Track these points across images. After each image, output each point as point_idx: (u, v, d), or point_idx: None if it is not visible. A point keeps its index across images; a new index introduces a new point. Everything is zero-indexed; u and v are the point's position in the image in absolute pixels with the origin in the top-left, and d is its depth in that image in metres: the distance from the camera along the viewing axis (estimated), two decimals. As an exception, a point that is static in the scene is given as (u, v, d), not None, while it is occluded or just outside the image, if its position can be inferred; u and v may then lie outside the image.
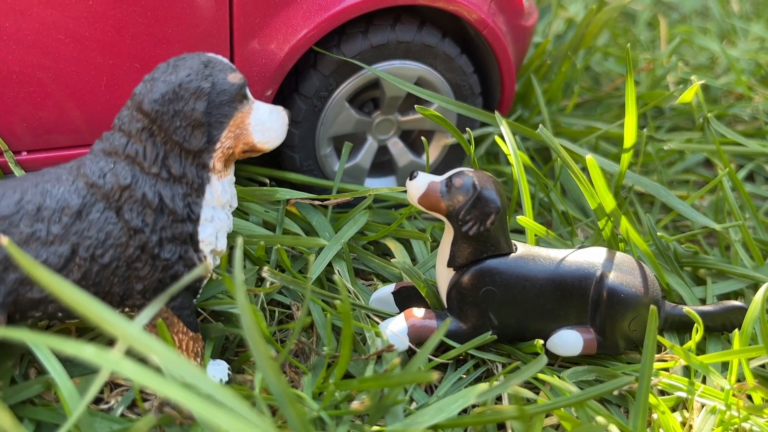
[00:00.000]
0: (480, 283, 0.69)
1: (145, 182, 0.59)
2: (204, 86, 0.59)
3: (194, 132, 0.59)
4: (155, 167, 0.59)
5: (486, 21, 0.86)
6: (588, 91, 1.29)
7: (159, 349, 0.43)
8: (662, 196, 0.88)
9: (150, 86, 0.59)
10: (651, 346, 0.61)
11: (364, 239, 0.84)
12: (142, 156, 0.59)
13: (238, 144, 0.62)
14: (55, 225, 0.57)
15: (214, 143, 0.60)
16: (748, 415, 0.65)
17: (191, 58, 0.61)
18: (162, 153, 0.59)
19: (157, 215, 0.59)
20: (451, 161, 0.96)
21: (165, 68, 0.60)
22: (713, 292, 0.83)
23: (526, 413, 0.58)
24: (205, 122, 0.59)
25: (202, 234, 0.61)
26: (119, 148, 0.59)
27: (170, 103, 0.58)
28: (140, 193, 0.59)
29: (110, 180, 0.59)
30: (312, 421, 0.60)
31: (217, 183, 0.62)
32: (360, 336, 0.71)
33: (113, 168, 0.59)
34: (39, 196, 0.58)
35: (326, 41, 0.84)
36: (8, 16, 0.70)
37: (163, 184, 0.59)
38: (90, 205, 0.58)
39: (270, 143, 0.63)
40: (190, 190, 0.60)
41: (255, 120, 0.62)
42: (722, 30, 1.65)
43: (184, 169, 0.60)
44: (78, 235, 0.58)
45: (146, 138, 0.59)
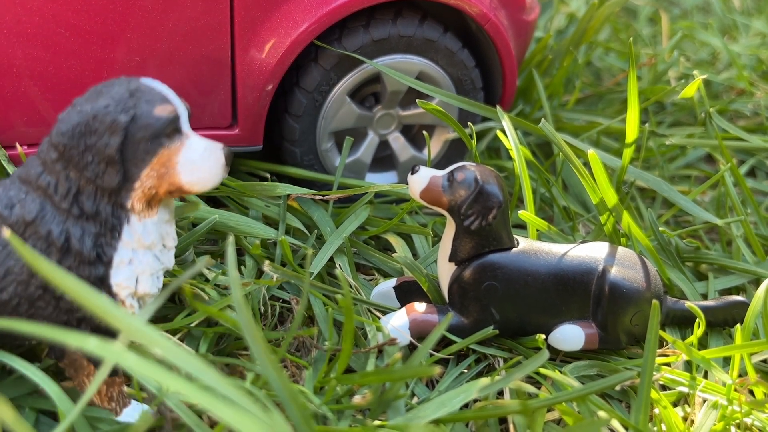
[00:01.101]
0: (481, 278, 0.68)
1: (53, 218, 0.54)
2: (121, 120, 0.53)
3: (108, 169, 0.53)
4: (65, 203, 0.54)
5: (488, 15, 0.86)
6: (589, 86, 1.29)
7: (162, 342, 0.43)
8: (664, 191, 0.88)
9: (66, 116, 0.54)
10: (653, 341, 0.61)
11: (366, 234, 0.84)
12: (53, 189, 0.54)
13: (162, 184, 0.55)
14: None
15: (133, 182, 0.54)
16: (750, 410, 0.65)
17: (119, 84, 0.55)
18: (75, 188, 0.54)
19: (63, 255, 0.54)
20: (453, 156, 0.96)
21: (89, 93, 0.55)
22: (715, 287, 0.83)
23: (528, 408, 0.58)
24: (118, 159, 0.53)
25: (115, 278, 0.56)
26: (33, 177, 0.54)
27: (81, 137, 0.53)
28: (45, 230, 0.54)
29: (17, 212, 0.54)
30: (313, 415, 0.60)
31: (137, 224, 0.56)
32: (361, 330, 0.71)
33: (24, 198, 0.54)
34: None
35: (327, 35, 0.83)
36: (9, 10, 0.70)
37: (74, 221, 0.54)
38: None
39: (200, 185, 0.56)
40: (103, 230, 0.55)
41: (184, 159, 0.55)
42: (724, 25, 1.65)
43: (98, 208, 0.54)
44: None
45: (60, 170, 0.54)
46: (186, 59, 0.78)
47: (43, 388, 0.56)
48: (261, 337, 0.50)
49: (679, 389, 0.69)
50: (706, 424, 0.65)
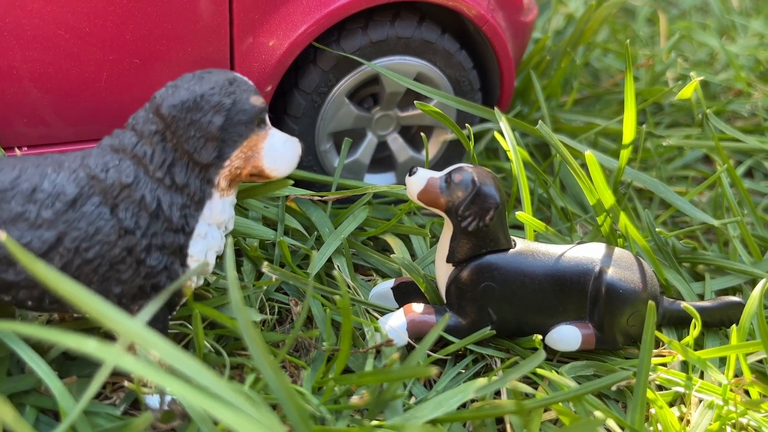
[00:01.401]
0: (479, 279, 0.69)
1: (146, 185, 0.58)
2: (225, 102, 0.58)
3: (206, 144, 0.58)
4: (160, 172, 0.58)
5: (485, 17, 0.87)
6: (587, 87, 1.29)
7: (159, 344, 0.43)
8: (661, 192, 0.89)
9: (171, 92, 0.59)
10: (649, 342, 0.61)
11: (364, 235, 0.84)
12: (149, 158, 0.58)
13: (247, 166, 0.61)
14: (46, 209, 0.56)
15: (224, 160, 0.60)
16: (746, 410, 0.66)
17: (218, 73, 0.61)
18: (170, 159, 0.58)
19: (152, 220, 0.58)
20: (451, 157, 0.96)
21: (190, 78, 0.60)
22: (711, 287, 0.83)
23: (524, 408, 0.58)
24: (219, 137, 0.58)
25: (192, 248, 0.60)
26: (128, 147, 0.59)
27: (189, 112, 0.58)
28: (139, 194, 0.58)
29: (112, 175, 0.58)
30: (311, 415, 0.60)
31: (218, 201, 0.61)
32: (359, 331, 0.71)
33: (118, 164, 0.58)
34: (37, 177, 0.57)
35: (326, 37, 0.84)
36: (8, 12, 0.70)
37: (164, 190, 0.58)
38: (86, 197, 0.57)
39: (279, 171, 0.62)
40: (189, 202, 0.59)
41: (269, 145, 0.61)
42: (722, 26, 1.65)
43: (188, 180, 0.59)
44: (67, 224, 0.56)
45: (157, 141, 0.58)
46: (185, 61, 0.78)
47: (47, 385, 0.56)
48: (259, 338, 0.51)
49: (675, 389, 0.69)
50: (702, 424, 0.65)
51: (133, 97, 0.78)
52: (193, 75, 0.61)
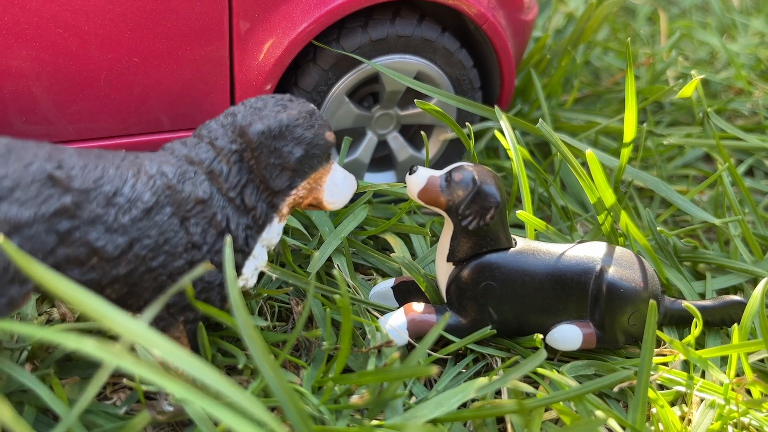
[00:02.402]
0: (479, 278, 0.69)
1: (219, 202, 0.59)
2: (306, 135, 0.61)
3: (282, 173, 0.60)
4: (233, 192, 0.59)
5: (486, 15, 0.86)
6: (588, 86, 1.29)
7: (161, 344, 0.43)
8: (662, 191, 0.88)
9: (256, 115, 0.60)
10: (650, 341, 0.61)
11: (364, 234, 0.84)
12: (224, 177, 0.59)
13: (308, 196, 0.63)
14: (124, 215, 0.56)
15: (292, 189, 0.62)
16: (747, 410, 0.66)
17: (299, 103, 0.62)
18: (244, 181, 0.60)
19: (218, 237, 0.59)
20: (451, 156, 0.96)
21: (273, 103, 0.61)
22: (712, 286, 0.83)
23: (525, 407, 0.58)
24: (294, 168, 0.60)
25: (246, 268, 0.62)
26: (205, 161, 0.59)
27: (274, 140, 0.59)
28: (212, 211, 0.59)
29: (188, 188, 0.58)
30: (311, 415, 0.60)
31: (276, 225, 0.63)
32: (360, 330, 0.71)
33: (194, 178, 0.59)
34: (118, 180, 0.57)
35: (326, 35, 0.83)
36: (7, 10, 0.70)
37: (234, 210, 0.60)
38: (161, 206, 0.57)
39: (335, 205, 0.65)
40: (253, 224, 0.61)
41: (331, 180, 0.64)
42: (722, 25, 1.65)
43: (257, 203, 0.60)
44: (140, 232, 0.56)
45: (234, 161, 0.60)
46: (185, 59, 0.78)
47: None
48: (259, 338, 0.50)
49: (677, 389, 0.69)
50: (703, 423, 0.65)
51: (133, 96, 0.78)
52: (275, 100, 0.62)
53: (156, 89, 0.79)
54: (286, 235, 0.81)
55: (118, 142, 0.81)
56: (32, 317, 0.69)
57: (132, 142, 0.82)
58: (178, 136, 0.83)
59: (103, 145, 0.80)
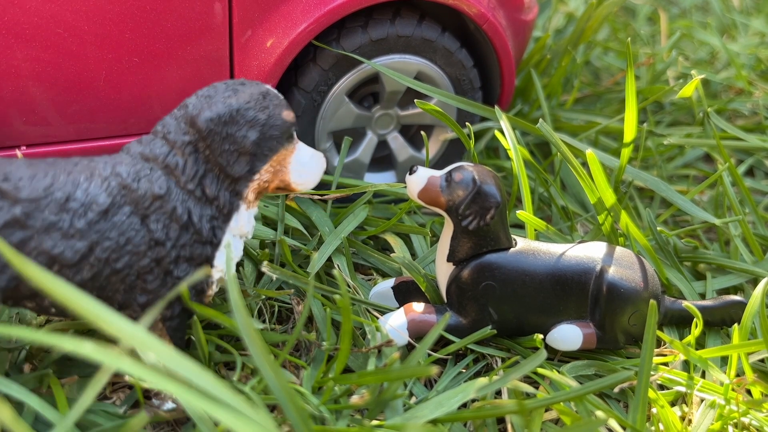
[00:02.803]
0: (479, 278, 0.69)
1: (177, 196, 0.58)
2: (260, 117, 0.59)
3: (239, 159, 0.58)
4: (191, 184, 0.58)
5: (486, 15, 0.86)
6: (588, 86, 1.29)
7: (156, 347, 0.43)
8: (662, 191, 0.88)
9: (206, 103, 0.58)
10: (651, 341, 0.61)
11: (364, 234, 0.84)
12: (180, 169, 0.58)
13: (274, 179, 0.61)
14: (79, 219, 0.55)
15: (254, 173, 0.60)
16: (747, 410, 0.65)
17: (250, 85, 0.61)
18: (201, 171, 0.58)
19: (182, 232, 0.58)
20: (451, 156, 0.96)
21: (224, 90, 0.60)
22: (713, 286, 0.83)
23: (525, 407, 0.58)
24: (252, 152, 0.59)
25: (218, 260, 0.61)
26: (159, 156, 0.58)
27: (225, 126, 0.58)
28: (171, 206, 0.57)
29: (144, 186, 0.57)
30: (311, 415, 0.60)
31: (244, 212, 0.61)
32: (360, 330, 0.71)
33: (149, 174, 0.58)
34: (70, 186, 0.56)
35: (326, 35, 0.83)
36: (7, 10, 0.70)
37: (195, 202, 0.58)
38: (117, 207, 0.56)
39: (305, 185, 0.63)
40: (218, 214, 0.59)
41: (296, 160, 0.62)
42: (722, 25, 1.65)
43: (218, 192, 0.59)
44: (99, 234, 0.56)
45: (189, 152, 0.58)
46: (185, 59, 0.78)
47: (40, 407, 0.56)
48: (259, 338, 0.50)
49: (677, 389, 0.69)
50: (703, 423, 0.65)
51: (132, 96, 0.78)
52: (226, 86, 0.60)
53: (156, 89, 0.79)
54: (286, 235, 0.81)
55: (118, 142, 0.81)
56: (31, 317, 0.69)
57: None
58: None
59: (103, 145, 0.80)
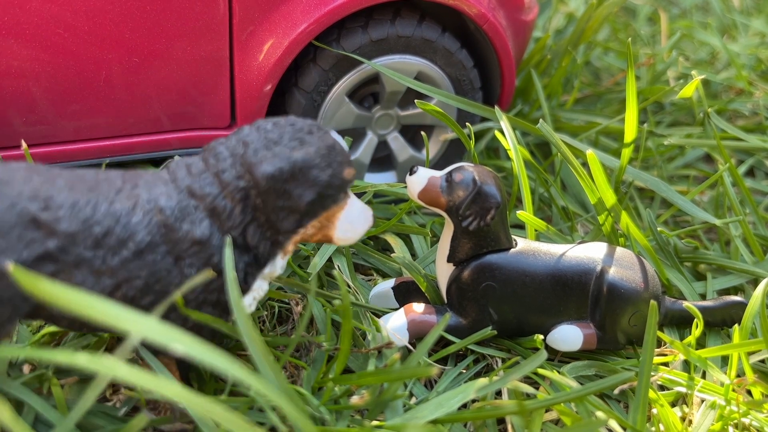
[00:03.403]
0: (480, 278, 0.69)
1: (218, 243, 0.54)
2: (321, 177, 0.54)
3: (290, 216, 0.55)
4: (235, 231, 0.54)
5: (486, 15, 0.86)
6: (588, 86, 1.29)
7: (182, 339, 0.42)
8: (662, 191, 0.88)
9: (269, 152, 0.54)
10: (651, 341, 0.61)
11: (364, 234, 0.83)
12: (227, 215, 0.54)
13: (318, 234, 0.58)
14: (114, 257, 0.52)
15: (300, 228, 0.56)
16: (748, 410, 0.65)
17: (318, 136, 0.56)
18: (248, 219, 0.55)
19: (213, 279, 0.55)
20: (451, 156, 0.96)
21: (289, 137, 0.55)
22: (713, 287, 0.83)
23: (525, 408, 0.58)
24: (305, 211, 0.55)
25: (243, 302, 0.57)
26: (208, 196, 0.54)
27: (284, 183, 0.53)
28: (209, 253, 0.54)
29: (186, 227, 0.54)
30: (311, 416, 0.60)
31: (279, 260, 0.58)
32: (360, 331, 0.71)
33: (193, 215, 0.54)
34: (110, 219, 0.52)
35: (326, 36, 0.83)
36: (7, 10, 0.70)
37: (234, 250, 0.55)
38: (155, 245, 0.53)
39: (347, 241, 0.59)
40: (254, 261, 0.56)
41: (344, 217, 0.58)
42: (723, 25, 1.65)
43: (259, 242, 0.55)
44: (129, 272, 0.53)
45: (240, 199, 0.54)
46: (185, 59, 0.78)
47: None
48: (259, 338, 0.50)
49: (677, 389, 0.69)
50: (704, 424, 0.65)
51: (132, 96, 0.78)
52: (293, 132, 0.56)
53: (156, 89, 0.79)
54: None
55: (118, 142, 0.81)
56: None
57: (132, 143, 0.81)
58: (178, 136, 0.83)
59: (104, 146, 0.80)
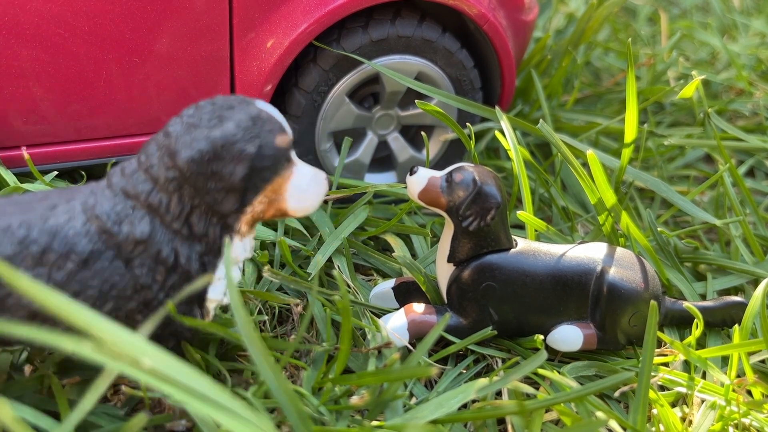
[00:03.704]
0: (480, 279, 0.69)
1: (163, 237, 0.53)
2: (248, 150, 0.52)
3: (228, 196, 0.53)
4: (177, 223, 0.53)
5: (486, 16, 0.86)
6: (588, 87, 1.29)
7: (152, 353, 0.43)
8: (663, 192, 0.88)
9: (188, 136, 0.53)
10: (651, 342, 0.61)
11: (364, 234, 0.84)
12: (165, 208, 0.53)
13: (269, 209, 0.56)
14: (58, 271, 0.52)
15: (245, 207, 0.55)
16: (748, 411, 0.65)
17: (239, 109, 0.54)
18: (187, 209, 0.53)
19: (169, 273, 0.54)
20: (452, 156, 0.96)
21: (208, 116, 0.53)
22: (713, 287, 0.83)
23: (525, 408, 0.58)
24: (241, 188, 0.53)
25: (211, 293, 0.57)
26: (142, 194, 0.53)
27: (209, 163, 0.52)
28: (155, 249, 0.53)
29: (126, 229, 0.53)
30: (311, 416, 0.60)
31: (238, 243, 0.56)
32: (360, 331, 0.71)
33: (131, 215, 0.53)
34: (46, 236, 0.52)
35: (326, 36, 0.83)
36: (8, 10, 0.70)
37: (181, 241, 0.54)
38: (99, 253, 0.52)
39: (304, 211, 0.57)
40: (207, 250, 0.55)
41: (293, 185, 0.56)
42: (723, 25, 1.65)
43: (207, 229, 0.54)
44: (81, 284, 0.52)
45: (173, 189, 0.53)
46: (185, 59, 0.78)
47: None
48: (258, 339, 0.50)
49: (678, 390, 0.69)
50: (704, 424, 0.65)
51: (133, 96, 0.78)
52: (212, 111, 0.54)
53: (156, 89, 0.79)
54: (286, 235, 0.81)
55: (119, 142, 0.81)
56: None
57: (132, 143, 0.82)
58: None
59: (104, 146, 0.80)
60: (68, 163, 0.80)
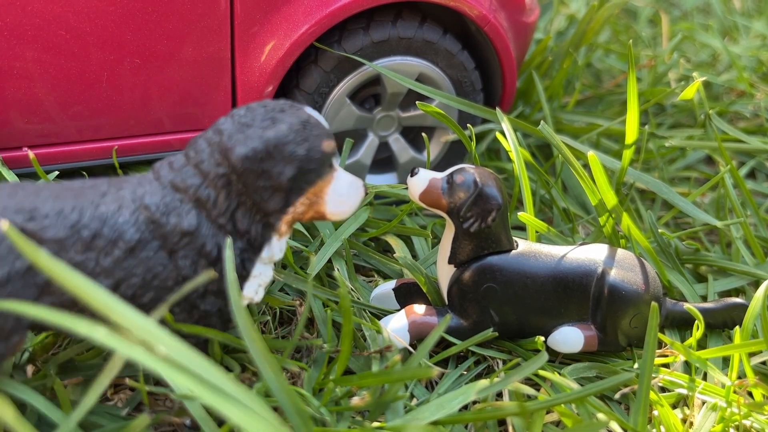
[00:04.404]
0: (481, 280, 0.69)
1: (208, 231, 0.55)
2: (298, 152, 0.55)
3: (274, 195, 0.55)
4: (223, 218, 0.55)
5: (487, 17, 0.86)
6: (589, 88, 1.29)
7: (167, 341, 0.43)
8: (663, 193, 0.88)
9: (241, 134, 0.55)
10: (652, 343, 0.61)
11: (365, 236, 0.84)
12: (212, 203, 0.55)
13: (309, 211, 0.58)
14: (106, 257, 0.53)
15: (288, 207, 0.57)
16: (749, 412, 0.65)
17: (290, 113, 0.57)
18: (234, 205, 0.55)
19: (210, 268, 0.56)
20: (452, 158, 0.96)
21: (261, 117, 0.56)
22: (714, 289, 0.83)
23: (526, 409, 0.58)
24: (288, 188, 0.55)
25: (246, 290, 0.59)
26: (191, 188, 0.55)
27: (261, 162, 0.54)
28: (200, 242, 0.55)
29: (173, 220, 0.55)
30: (312, 417, 0.60)
31: (276, 243, 0.58)
32: (361, 332, 0.71)
33: (179, 207, 0.55)
34: (97, 222, 0.53)
35: (327, 37, 0.83)
36: (9, 11, 0.70)
37: (225, 236, 0.56)
38: (145, 242, 0.54)
39: (340, 215, 0.59)
40: (248, 247, 0.57)
41: (333, 190, 0.58)
42: (724, 27, 1.65)
43: (250, 226, 0.56)
44: (125, 271, 0.54)
45: (222, 186, 0.55)
46: (186, 60, 0.78)
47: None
48: (259, 338, 0.50)
49: (678, 391, 0.69)
50: (705, 426, 0.65)
51: (134, 97, 0.78)
52: (264, 112, 0.56)
53: (157, 90, 0.79)
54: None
55: (120, 143, 0.81)
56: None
57: (133, 143, 0.82)
58: (179, 137, 0.83)
59: (107, 146, 0.80)
60: (69, 164, 0.80)
